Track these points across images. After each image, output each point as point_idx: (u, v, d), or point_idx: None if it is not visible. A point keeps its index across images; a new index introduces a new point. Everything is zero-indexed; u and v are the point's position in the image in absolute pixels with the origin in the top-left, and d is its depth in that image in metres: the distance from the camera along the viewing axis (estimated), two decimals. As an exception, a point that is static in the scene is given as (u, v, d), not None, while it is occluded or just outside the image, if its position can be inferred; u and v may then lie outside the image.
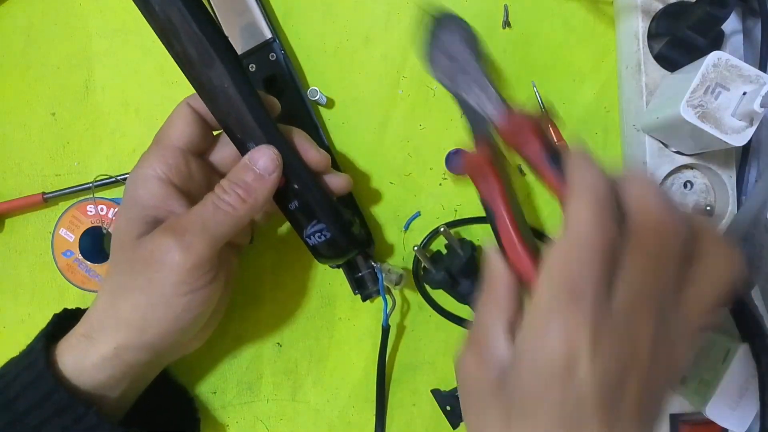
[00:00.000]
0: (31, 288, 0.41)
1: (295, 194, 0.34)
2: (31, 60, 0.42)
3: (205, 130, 0.34)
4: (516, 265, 0.29)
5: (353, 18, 0.42)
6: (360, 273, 0.39)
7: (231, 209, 0.31)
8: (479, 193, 0.34)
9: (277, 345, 0.41)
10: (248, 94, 0.32)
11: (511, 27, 0.42)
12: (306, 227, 0.35)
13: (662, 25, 0.39)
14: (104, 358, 0.31)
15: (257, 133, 0.32)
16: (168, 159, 0.32)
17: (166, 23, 0.30)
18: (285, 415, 0.41)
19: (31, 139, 0.42)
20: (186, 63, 0.31)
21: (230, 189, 0.31)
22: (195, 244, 0.30)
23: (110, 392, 0.32)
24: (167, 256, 0.30)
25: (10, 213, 0.41)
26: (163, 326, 0.31)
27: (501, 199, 0.33)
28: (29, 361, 0.31)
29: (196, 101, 0.33)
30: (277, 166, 0.32)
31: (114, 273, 0.33)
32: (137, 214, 0.32)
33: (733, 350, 0.35)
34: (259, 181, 0.32)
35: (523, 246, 0.30)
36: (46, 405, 0.30)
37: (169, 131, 0.33)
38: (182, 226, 0.31)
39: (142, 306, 0.31)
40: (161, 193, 0.32)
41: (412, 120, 0.42)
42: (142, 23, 0.42)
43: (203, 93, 0.32)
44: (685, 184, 0.41)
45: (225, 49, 0.32)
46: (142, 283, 0.31)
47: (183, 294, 0.31)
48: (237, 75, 0.31)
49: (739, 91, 0.34)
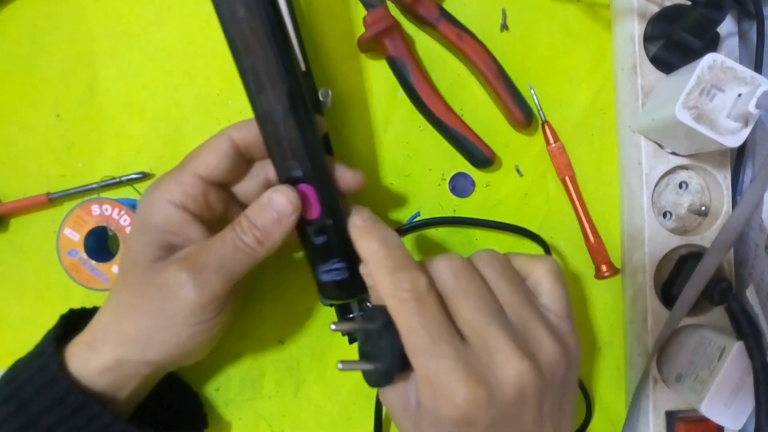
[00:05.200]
0: (36, 287, 0.42)
1: (324, 229, 0.32)
2: (35, 62, 0.42)
3: (238, 163, 0.33)
4: (430, 105, 0.39)
5: (353, 18, 0.42)
6: (352, 315, 0.38)
7: (249, 250, 0.31)
8: (386, 51, 0.39)
9: (279, 342, 0.42)
10: (305, 120, 0.31)
11: (508, 30, 0.43)
12: (325, 263, 0.33)
13: (658, 27, 0.40)
14: (106, 367, 0.32)
15: (305, 162, 0.31)
16: (187, 188, 0.32)
17: (244, 35, 0.29)
18: (287, 411, 0.42)
19: (36, 140, 0.42)
20: (251, 79, 0.30)
21: (248, 230, 0.31)
22: (211, 282, 0.30)
23: (114, 396, 0.33)
24: (182, 290, 0.30)
25: (15, 213, 0.42)
26: (166, 349, 0.32)
27: (409, 54, 0.39)
28: (41, 363, 0.31)
29: (239, 132, 0.32)
30: (295, 210, 0.31)
31: (122, 290, 0.33)
32: (152, 238, 0.32)
33: (728, 348, 0.35)
34: (276, 224, 0.31)
35: (436, 93, 0.39)
36: (61, 406, 0.30)
37: (196, 160, 0.32)
38: (201, 262, 0.31)
39: (148, 328, 0.31)
40: (177, 220, 0.32)
41: (411, 121, 0.43)
42: (147, 26, 0.43)
43: (259, 113, 0.31)
44: (681, 185, 0.42)
45: (294, 72, 0.30)
46: (151, 308, 0.31)
47: (191, 324, 0.31)
48: (299, 100, 0.30)
49: (734, 92, 0.35)
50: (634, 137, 0.41)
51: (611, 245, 0.43)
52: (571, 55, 0.43)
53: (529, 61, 0.43)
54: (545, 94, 0.43)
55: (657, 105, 0.38)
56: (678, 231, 0.41)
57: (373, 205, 0.42)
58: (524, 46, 0.43)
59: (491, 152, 0.41)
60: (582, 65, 0.43)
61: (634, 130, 0.41)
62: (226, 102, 0.42)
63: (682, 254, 0.40)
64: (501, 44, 0.42)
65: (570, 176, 0.42)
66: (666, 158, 0.40)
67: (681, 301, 0.37)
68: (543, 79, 0.43)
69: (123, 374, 0.32)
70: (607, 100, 0.43)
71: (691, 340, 0.39)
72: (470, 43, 0.40)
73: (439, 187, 0.43)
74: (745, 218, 0.35)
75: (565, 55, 0.43)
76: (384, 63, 0.42)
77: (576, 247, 0.43)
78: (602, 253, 0.42)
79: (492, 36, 0.42)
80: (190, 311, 0.31)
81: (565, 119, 0.43)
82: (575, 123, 0.43)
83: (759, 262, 0.40)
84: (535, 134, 0.43)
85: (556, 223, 0.43)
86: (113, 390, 0.32)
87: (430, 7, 0.40)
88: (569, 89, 0.43)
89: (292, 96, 0.30)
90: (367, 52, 0.42)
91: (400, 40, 0.40)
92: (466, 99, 0.43)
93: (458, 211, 0.43)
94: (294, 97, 0.30)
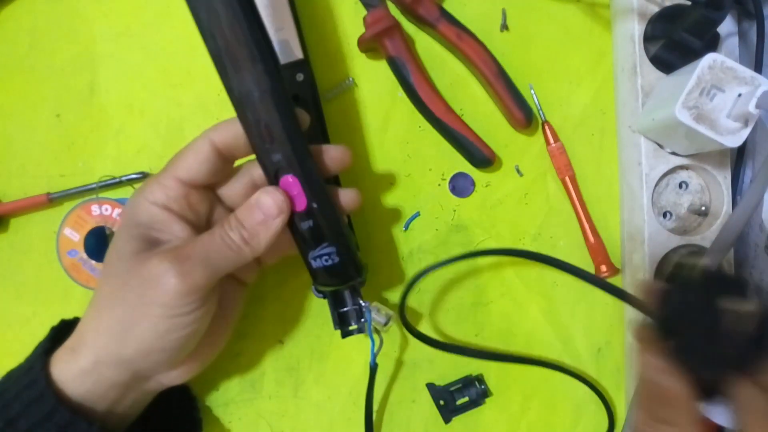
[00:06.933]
0: (36, 287, 0.42)
1: (311, 214, 0.33)
2: (35, 62, 0.42)
3: (220, 165, 0.33)
4: (430, 105, 0.39)
5: (353, 18, 0.42)
6: (345, 308, 0.37)
7: (236, 247, 0.32)
8: (386, 51, 0.39)
9: (279, 342, 0.42)
10: (284, 103, 0.31)
11: (508, 30, 0.43)
12: (314, 249, 0.34)
13: (658, 27, 0.40)
14: (83, 371, 0.31)
15: (285, 145, 0.31)
16: (168, 190, 0.32)
17: (212, 15, 0.29)
18: (287, 411, 0.42)
19: (36, 140, 0.42)
20: (225, 61, 0.30)
21: (236, 228, 0.32)
22: (193, 272, 0.30)
23: (93, 407, 0.32)
24: (163, 278, 0.30)
25: (15, 213, 0.41)
26: (144, 343, 0.31)
27: (409, 54, 0.39)
28: (29, 379, 0.31)
29: (218, 134, 0.33)
30: (281, 212, 0.32)
31: (104, 284, 0.32)
32: (138, 232, 0.32)
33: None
34: (263, 225, 0.32)
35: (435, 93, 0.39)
36: (48, 424, 0.30)
37: (177, 163, 0.33)
38: (185, 253, 0.31)
39: (126, 319, 0.31)
40: (161, 218, 0.32)
41: (411, 121, 0.43)
42: (147, 26, 0.43)
43: (236, 96, 0.31)
44: (681, 185, 0.42)
45: (268, 52, 0.30)
46: (131, 298, 0.31)
47: (169, 316, 0.30)
48: (275, 81, 0.30)
49: (734, 92, 0.35)
50: (634, 137, 0.41)
51: (611, 245, 0.43)
52: (571, 55, 0.43)
53: (529, 61, 0.43)
54: (545, 94, 0.43)
55: (657, 105, 0.38)
56: (678, 231, 0.41)
57: (373, 206, 0.42)
58: (524, 46, 0.43)
59: (491, 152, 0.41)
60: (582, 65, 0.43)
61: (634, 130, 0.41)
62: (226, 102, 0.41)
63: (681, 255, 0.40)
64: (501, 44, 0.42)
65: (570, 176, 0.42)
66: (666, 158, 0.40)
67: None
68: (543, 79, 0.43)
69: (101, 379, 0.31)
70: (607, 100, 0.43)
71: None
72: (470, 43, 0.40)
73: (439, 187, 0.43)
74: (745, 218, 0.35)
75: (565, 55, 0.43)
76: (384, 63, 0.42)
77: (576, 247, 0.43)
78: (602, 253, 0.42)
79: (492, 36, 0.42)
80: (168, 300, 0.30)
81: (565, 119, 0.43)
82: (575, 123, 0.43)
83: (759, 262, 0.40)
84: (535, 134, 0.43)
85: (556, 223, 0.43)
86: (93, 398, 0.32)
87: (430, 7, 0.40)
88: (569, 89, 0.43)
89: (269, 76, 0.30)
90: (367, 51, 0.42)
91: (400, 39, 0.40)
92: (466, 99, 0.43)
93: (458, 212, 0.43)
94: (270, 78, 0.30)
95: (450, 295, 0.43)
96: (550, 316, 0.43)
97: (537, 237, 0.43)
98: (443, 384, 0.42)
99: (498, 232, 0.43)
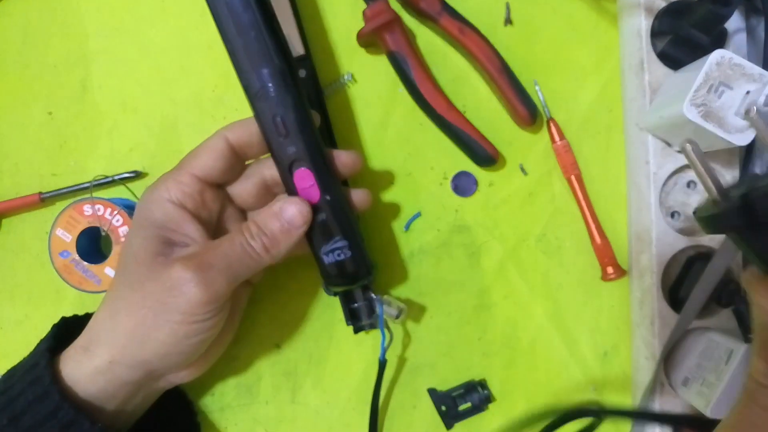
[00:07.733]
0: (28, 289, 0.41)
1: (324, 207, 0.33)
2: (28, 59, 0.41)
3: (233, 163, 0.34)
4: (431, 101, 0.39)
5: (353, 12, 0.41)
6: (356, 304, 0.38)
7: (256, 255, 0.32)
8: (386, 46, 0.39)
9: (276, 346, 0.41)
10: (298, 96, 0.32)
11: (512, 24, 0.42)
12: (327, 243, 0.34)
13: (665, 23, 0.39)
14: (97, 370, 0.31)
15: (299, 137, 0.32)
16: (184, 187, 0.33)
17: (233, 14, 0.31)
18: (284, 417, 0.41)
19: (28, 139, 0.41)
20: (243, 58, 0.31)
21: (257, 236, 0.32)
22: (216, 282, 0.31)
23: (104, 406, 0.32)
24: (186, 286, 0.30)
25: (7, 213, 0.41)
26: (162, 347, 0.31)
27: (410, 48, 0.39)
28: (34, 376, 0.31)
29: (233, 133, 0.33)
30: (305, 222, 0.33)
31: (121, 286, 0.33)
32: (153, 233, 0.32)
33: (735, 351, 0.35)
34: (285, 233, 0.32)
35: (437, 89, 0.39)
36: (53, 421, 0.30)
37: (193, 160, 0.33)
38: (207, 261, 0.31)
39: (145, 323, 0.31)
40: (176, 216, 0.33)
41: (412, 118, 0.42)
42: (140, 22, 0.42)
43: (252, 91, 0.32)
44: (689, 184, 0.41)
45: (283, 48, 0.32)
46: (152, 303, 0.31)
47: (189, 323, 0.31)
48: (290, 75, 0.32)
49: (742, 89, 0.34)
50: (641, 135, 0.40)
51: (618, 246, 0.42)
52: (576, 50, 0.43)
53: (533, 56, 0.42)
54: (550, 91, 0.42)
55: (664, 102, 0.38)
56: (686, 232, 0.40)
57: (373, 206, 0.41)
58: (528, 41, 0.42)
59: (494, 150, 0.40)
60: (588, 61, 0.43)
61: (641, 128, 0.40)
62: (221, 98, 0.41)
63: (690, 255, 0.39)
64: (504, 39, 0.42)
65: (576, 175, 0.42)
66: (674, 157, 0.40)
67: (689, 304, 0.36)
68: (548, 74, 0.42)
69: (114, 378, 0.32)
70: (614, 96, 0.42)
71: (699, 344, 0.38)
72: (473, 37, 0.40)
73: (441, 186, 0.42)
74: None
75: (570, 51, 0.43)
76: (384, 58, 0.41)
77: (582, 248, 0.42)
78: (609, 254, 0.41)
79: (495, 30, 0.42)
80: (191, 308, 0.31)
81: (570, 116, 0.42)
82: (581, 120, 0.42)
83: None
84: (539, 132, 0.42)
85: (562, 224, 0.42)
86: (102, 398, 0.32)
87: (432, 1, 0.39)
88: (575, 85, 0.42)
89: (284, 73, 0.32)
90: (366, 46, 0.42)
91: (401, 34, 0.39)
92: (469, 95, 0.42)
93: (460, 212, 0.42)
94: (286, 73, 0.32)
95: (452, 298, 0.42)
96: (555, 319, 0.42)
97: (542, 238, 0.42)
98: (445, 389, 0.41)
99: (501, 233, 0.42)
